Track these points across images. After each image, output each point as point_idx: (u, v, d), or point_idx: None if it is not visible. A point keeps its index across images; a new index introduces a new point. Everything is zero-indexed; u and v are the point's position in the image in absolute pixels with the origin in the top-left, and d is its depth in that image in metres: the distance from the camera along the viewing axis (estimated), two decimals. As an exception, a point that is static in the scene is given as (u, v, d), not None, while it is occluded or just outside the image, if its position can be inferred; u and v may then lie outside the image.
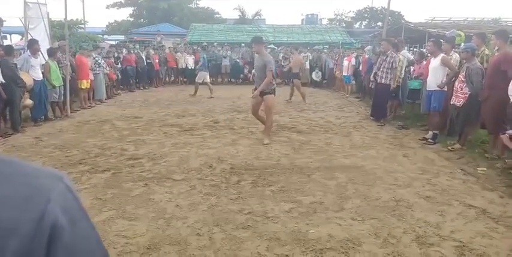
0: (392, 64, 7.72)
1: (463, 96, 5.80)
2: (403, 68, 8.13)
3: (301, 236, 3.18)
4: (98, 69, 10.21)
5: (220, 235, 3.19)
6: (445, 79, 6.35)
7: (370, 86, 9.23)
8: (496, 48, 5.74)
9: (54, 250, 0.44)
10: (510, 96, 4.90)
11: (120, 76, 12.53)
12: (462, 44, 7.44)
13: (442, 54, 6.41)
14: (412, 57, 9.05)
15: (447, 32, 8.35)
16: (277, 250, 2.97)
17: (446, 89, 6.39)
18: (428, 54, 7.92)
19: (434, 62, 6.48)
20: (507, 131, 4.77)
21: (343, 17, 38.54)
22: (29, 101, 7.08)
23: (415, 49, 10.27)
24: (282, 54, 16.35)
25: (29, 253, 0.42)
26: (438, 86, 6.35)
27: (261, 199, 3.96)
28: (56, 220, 0.45)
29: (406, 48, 9.26)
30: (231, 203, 3.85)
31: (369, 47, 12.26)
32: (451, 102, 6.06)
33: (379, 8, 34.10)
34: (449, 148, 6.01)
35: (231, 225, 3.37)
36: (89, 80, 9.69)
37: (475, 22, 17.82)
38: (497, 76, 5.29)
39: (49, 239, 0.44)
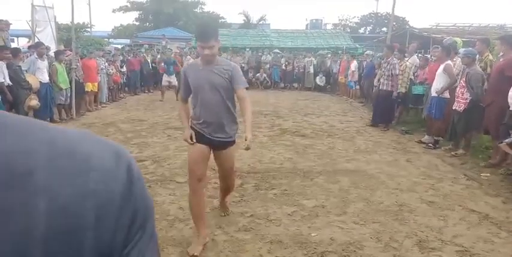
0: (391, 71, 7.76)
1: (464, 101, 5.81)
2: (410, 74, 8.14)
3: (303, 239, 3.19)
4: (100, 72, 10.26)
5: (223, 237, 3.21)
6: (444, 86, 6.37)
7: (373, 91, 9.25)
8: (501, 54, 5.73)
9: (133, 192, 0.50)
10: (510, 104, 4.89)
11: (125, 79, 12.62)
12: (462, 49, 7.48)
13: (447, 62, 6.41)
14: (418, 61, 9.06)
15: (444, 40, 8.37)
16: (279, 253, 2.98)
17: (448, 97, 6.39)
18: (433, 60, 7.94)
19: (440, 69, 6.50)
20: (504, 140, 4.75)
21: (348, 22, 38.72)
22: (34, 102, 7.12)
23: (419, 54, 10.32)
24: (284, 59, 16.42)
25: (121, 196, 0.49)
26: (436, 92, 6.40)
27: (263, 202, 3.98)
28: (133, 168, 0.52)
29: (416, 53, 9.25)
30: (234, 205, 3.87)
31: (368, 52, 12.32)
32: (453, 108, 6.07)
33: (383, 14, 34.24)
34: (453, 153, 6.02)
35: (233, 227, 3.39)
36: (96, 83, 9.77)
37: (480, 28, 17.83)
38: (501, 82, 5.28)
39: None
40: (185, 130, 3.05)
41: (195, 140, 2.97)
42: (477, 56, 6.03)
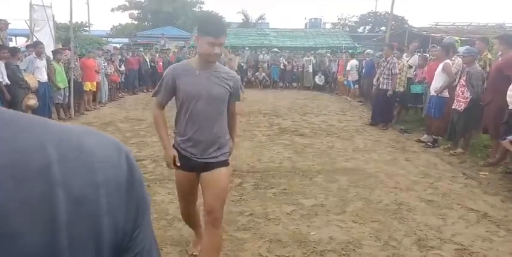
0: (391, 70, 7.76)
1: (464, 100, 5.82)
2: (408, 73, 8.16)
3: (302, 238, 3.20)
4: (99, 71, 10.25)
5: (222, 236, 3.21)
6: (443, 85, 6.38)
7: (372, 90, 9.24)
8: (500, 53, 5.72)
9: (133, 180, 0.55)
10: (509, 104, 4.89)
11: (123, 79, 12.61)
12: (461, 48, 7.52)
13: (446, 61, 6.42)
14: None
15: (445, 38, 8.39)
16: (278, 252, 2.99)
17: (447, 96, 6.40)
18: (432, 59, 7.94)
19: (439, 68, 6.50)
20: (508, 137, 4.77)
21: (347, 21, 38.69)
22: (32, 101, 7.11)
23: (418, 53, 10.30)
24: (283, 58, 16.38)
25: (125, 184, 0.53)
26: (435, 92, 6.41)
27: (262, 201, 3.98)
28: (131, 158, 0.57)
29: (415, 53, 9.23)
30: (233, 204, 3.87)
31: (368, 51, 12.31)
32: (453, 107, 6.08)
33: (382, 13, 34.23)
34: (452, 152, 6.03)
35: (232, 226, 3.39)
36: (94, 83, 9.76)
37: (478, 27, 17.85)
38: (500, 81, 5.30)
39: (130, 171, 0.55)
40: (166, 148, 2.50)
41: (178, 164, 2.45)
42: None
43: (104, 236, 0.49)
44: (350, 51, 16.26)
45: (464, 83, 5.82)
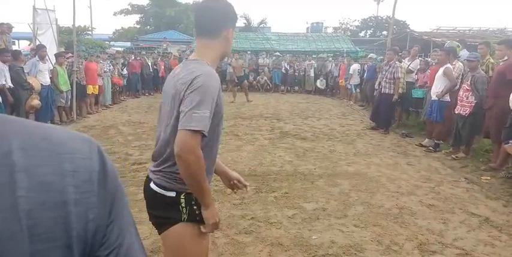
0: (394, 75, 7.76)
1: (469, 105, 5.82)
2: (406, 76, 8.18)
3: (303, 242, 3.20)
4: (103, 74, 10.32)
5: (223, 240, 3.21)
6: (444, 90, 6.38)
7: (374, 94, 9.25)
8: (506, 58, 5.67)
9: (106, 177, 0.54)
10: None
11: (125, 82, 12.65)
12: (464, 51, 7.57)
13: (446, 65, 6.42)
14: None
15: (446, 43, 8.41)
16: (280, 255, 2.98)
17: (449, 100, 6.40)
18: (433, 63, 7.96)
19: (439, 72, 6.51)
20: (511, 141, 4.77)
21: (348, 25, 38.84)
22: (36, 102, 7.15)
23: (419, 58, 10.26)
24: (285, 62, 16.39)
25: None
26: (436, 96, 6.41)
27: (264, 205, 3.98)
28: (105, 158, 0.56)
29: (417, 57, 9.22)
30: (234, 208, 3.87)
31: (371, 55, 12.33)
32: (456, 112, 6.07)
33: (384, 17, 34.34)
34: (453, 156, 6.02)
35: (234, 230, 3.39)
36: (96, 86, 9.78)
37: (480, 32, 17.88)
38: (502, 85, 5.30)
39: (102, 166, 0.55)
40: (213, 204, 1.67)
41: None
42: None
43: (72, 226, 0.48)
44: (352, 55, 16.28)
45: (468, 88, 5.83)
